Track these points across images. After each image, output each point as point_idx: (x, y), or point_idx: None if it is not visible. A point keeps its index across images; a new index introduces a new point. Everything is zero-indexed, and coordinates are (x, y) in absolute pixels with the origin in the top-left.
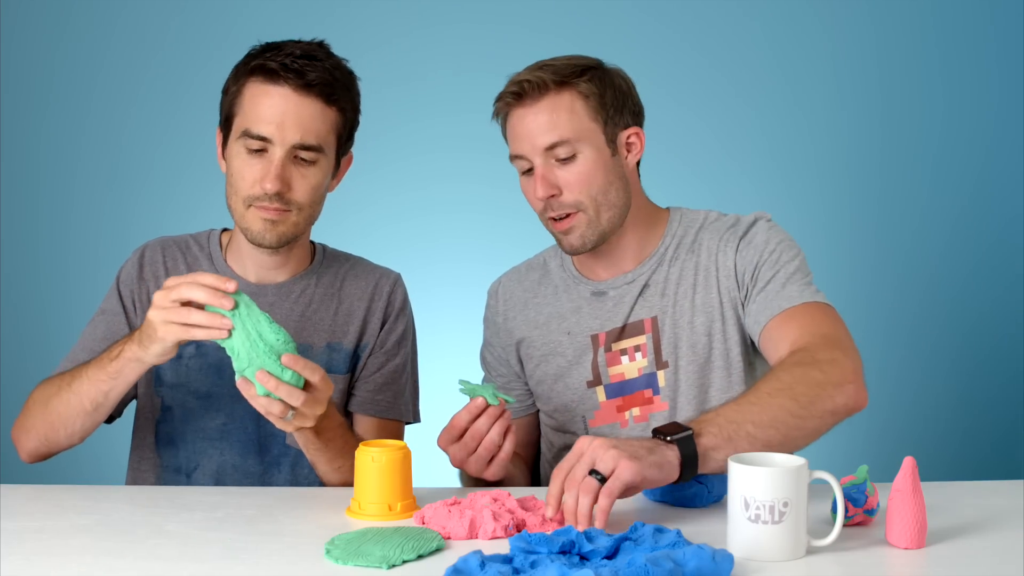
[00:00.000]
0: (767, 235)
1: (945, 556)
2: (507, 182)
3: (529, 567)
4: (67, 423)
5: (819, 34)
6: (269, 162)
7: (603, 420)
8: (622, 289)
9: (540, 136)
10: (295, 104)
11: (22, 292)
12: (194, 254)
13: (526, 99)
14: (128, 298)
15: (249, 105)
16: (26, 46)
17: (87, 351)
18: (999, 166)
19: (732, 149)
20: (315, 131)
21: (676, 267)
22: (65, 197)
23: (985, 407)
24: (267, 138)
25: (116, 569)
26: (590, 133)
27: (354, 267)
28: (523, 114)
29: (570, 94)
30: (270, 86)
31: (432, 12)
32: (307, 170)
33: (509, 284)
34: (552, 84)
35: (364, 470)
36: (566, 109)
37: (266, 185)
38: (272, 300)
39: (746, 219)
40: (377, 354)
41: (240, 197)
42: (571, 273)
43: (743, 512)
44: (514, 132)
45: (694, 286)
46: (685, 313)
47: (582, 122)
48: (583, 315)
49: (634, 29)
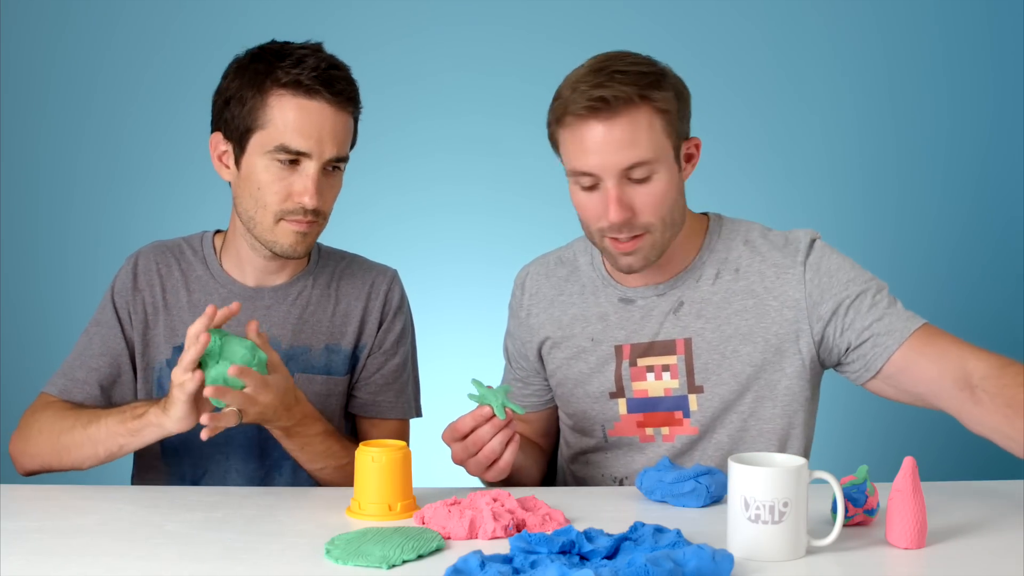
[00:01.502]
0: (835, 261)
1: (945, 556)
2: (506, 182)
3: (529, 567)
4: (76, 461)
5: (823, 37)
6: (305, 176)
7: (623, 432)
8: (651, 300)
9: (617, 155)
10: (331, 119)
11: (22, 292)
12: (188, 259)
13: (603, 113)
14: (124, 309)
15: (280, 119)
16: (26, 46)
17: (85, 367)
18: (1001, 171)
19: (736, 154)
20: (344, 143)
21: (719, 289)
22: (65, 198)
23: None
24: (305, 153)
25: (116, 569)
26: (665, 151)
27: (350, 265)
28: (597, 128)
29: (648, 109)
30: (305, 100)
31: (432, 12)
32: (334, 180)
33: (537, 277)
34: (636, 98)
35: (364, 470)
36: (645, 127)
37: (305, 200)
38: (269, 303)
39: (800, 241)
40: (376, 355)
41: (270, 212)
42: (601, 274)
43: (743, 512)
44: (583, 146)
45: (740, 312)
46: (728, 340)
47: (659, 140)
48: (609, 323)
49: (635, 29)
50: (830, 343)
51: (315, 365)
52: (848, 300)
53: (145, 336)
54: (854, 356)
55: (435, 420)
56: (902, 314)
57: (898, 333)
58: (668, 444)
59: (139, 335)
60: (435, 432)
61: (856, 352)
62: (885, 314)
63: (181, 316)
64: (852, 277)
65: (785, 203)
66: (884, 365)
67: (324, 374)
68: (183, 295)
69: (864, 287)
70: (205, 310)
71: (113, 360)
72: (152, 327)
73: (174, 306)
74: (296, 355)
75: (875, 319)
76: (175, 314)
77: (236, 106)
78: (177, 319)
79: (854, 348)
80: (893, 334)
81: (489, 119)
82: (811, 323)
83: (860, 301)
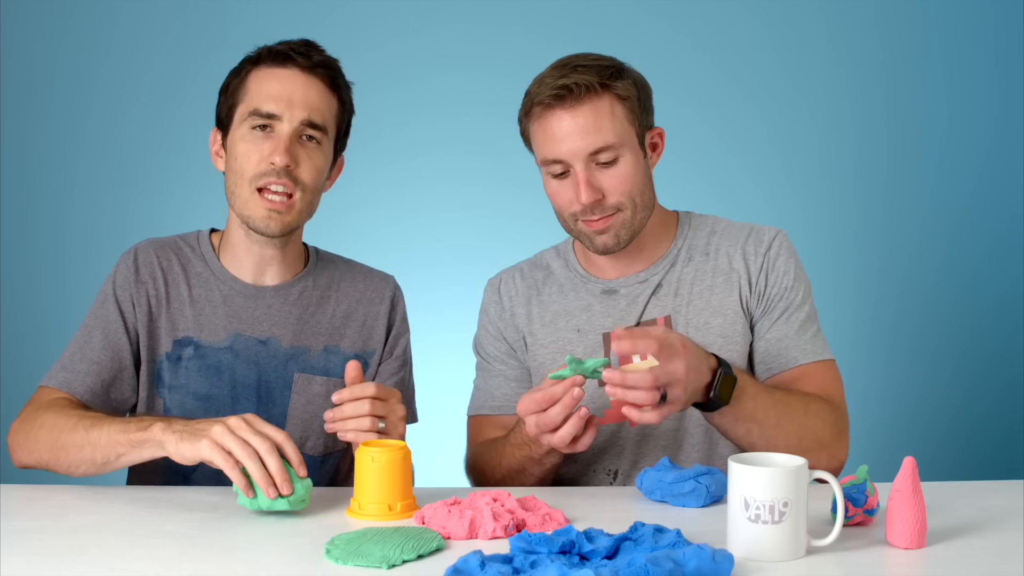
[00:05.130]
0: (787, 263)
1: (945, 556)
2: (504, 182)
3: (529, 567)
4: (72, 463)
5: (823, 36)
6: (277, 138)
7: (612, 419)
8: (635, 288)
9: (583, 140)
10: (302, 84)
11: (22, 292)
12: (186, 255)
13: (568, 101)
14: (126, 302)
15: (255, 88)
16: (27, 46)
17: (86, 360)
18: (1000, 168)
19: (736, 151)
20: (320, 111)
21: (690, 268)
22: (65, 197)
23: (985, 407)
24: (276, 115)
25: (116, 569)
26: (629, 136)
27: (350, 269)
28: (563, 117)
29: (610, 97)
30: (277, 68)
31: (431, 12)
32: (312, 151)
33: (511, 281)
34: (597, 87)
35: (364, 470)
36: (608, 114)
37: (275, 159)
38: (270, 302)
39: (765, 232)
40: (388, 361)
41: (246, 179)
42: (578, 272)
43: (743, 512)
44: (551, 135)
45: (711, 288)
46: (700, 313)
47: (622, 125)
48: (594, 313)
49: (635, 29)
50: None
51: (314, 366)
52: (776, 297)
53: (149, 327)
54: (757, 344)
55: (435, 421)
56: (805, 346)
57: (783, 361)
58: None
59: (143, 327)
60: (436, 433)
61: (756, 342)
62: (791, 334)
63: (182, 310)
64: (791, 284)
65: (791, 207)
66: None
67: (323, 375)
68: (184, 289)
69: (793, 297)
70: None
71: (115, 355)
72: (156, 319)
73: (175, 300)
74: (296, 355)
75: (778, 338)
76: (176, 308)
77: (223, 96)
78: (178, 313)
79: (757, 338)
80: (780, 359)
81: (487, 120)
82: (756, 303)
83: (781, 304)
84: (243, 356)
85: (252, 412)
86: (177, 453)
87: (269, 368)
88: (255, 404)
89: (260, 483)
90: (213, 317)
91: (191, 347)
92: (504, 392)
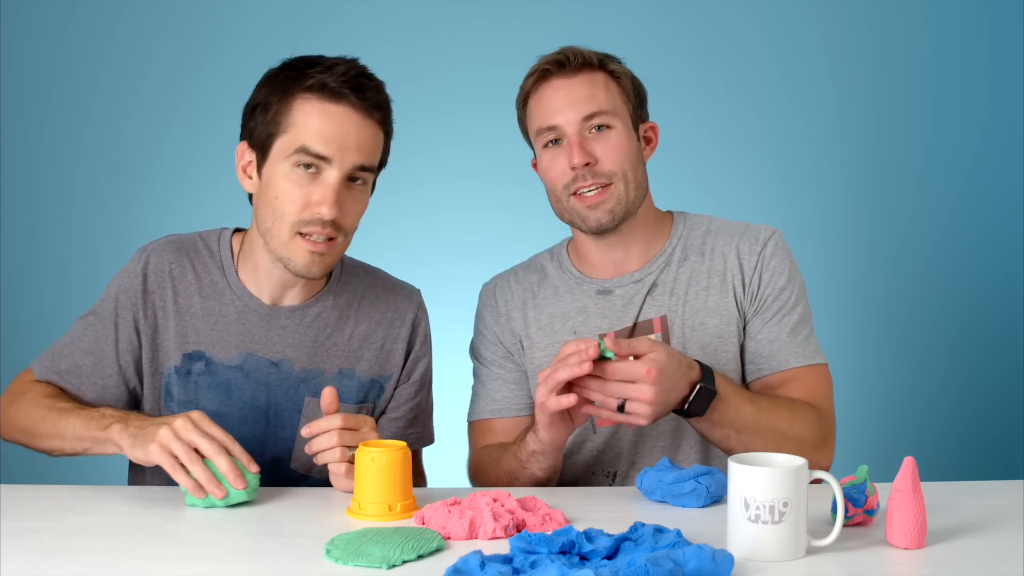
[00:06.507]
0: (782, 263)
1: (945, 556)
2: (504, 183)
3: (529, 567)
4: (47, 449)
5: (816, 37)
6: (325, 185)
7: (609, 421)
8: (630, 288)
9: (579, 105)
10: (356, 125)
11: (22, 292)
12: (203, 261)
13: (565, 70)
14: (127, 310)
15: (303, 121)
16: (27, 46)
17: (69, 359)
18: (995, 158)
19: (730, 152)
20: (370, 152)
21: (686, 268)
22: (66, 197)
23: (985, 408)
24: (326, 157)
25: (116, 569)
26: (622, 112)
27: (373, 285)
28: (558, 86)
29: (604, 74)
30: (330, 104)
31: (432, 12)
32: (358, 194)
33: (506, 285)
34: (594, 61)
35: (364, 470)
36: (602, 86)
37: (323, 210)
38: (285, 323)
39: (761, 231)
40: (405, 386)
41: (287, 223)
42: (572, 274)
43: (743, 512)
44: (548, 103)
45: (707, 288)
46: (697, 314)
47: (616, 99)
48: (590, 314)
49: (634, 29)
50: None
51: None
52: (770, 297)
53: (155, 340)
54: (748, 343)
55: (435, 421)
56: (797, 350)
57: (775, 363)
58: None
59: (148, 339)
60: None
61: (747, 341)
62: (783, 336)
63: (194, 323)
64: (784, 285)
65: (782, 200)
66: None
67: None
68: (196, 301)
69: (787, 299)
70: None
71: (97, 360)
72: (162, 332)
73: (186, 311)
74: (308, 379)
75: (769, 340)
76: (187, 320)
77: (261, 113)
78: (189, 325)
79: (748, 338)
80: (771, 361)
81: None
82: (749, 303)
83: (775, 305)
84: (253, 377)
85: (260, 434)
86: (132, 456)
87: (280, 391)
88: (264, 426)
89: (206, 485)
90: (225, 333)
91: (202, 362)
92: (504, 395)
